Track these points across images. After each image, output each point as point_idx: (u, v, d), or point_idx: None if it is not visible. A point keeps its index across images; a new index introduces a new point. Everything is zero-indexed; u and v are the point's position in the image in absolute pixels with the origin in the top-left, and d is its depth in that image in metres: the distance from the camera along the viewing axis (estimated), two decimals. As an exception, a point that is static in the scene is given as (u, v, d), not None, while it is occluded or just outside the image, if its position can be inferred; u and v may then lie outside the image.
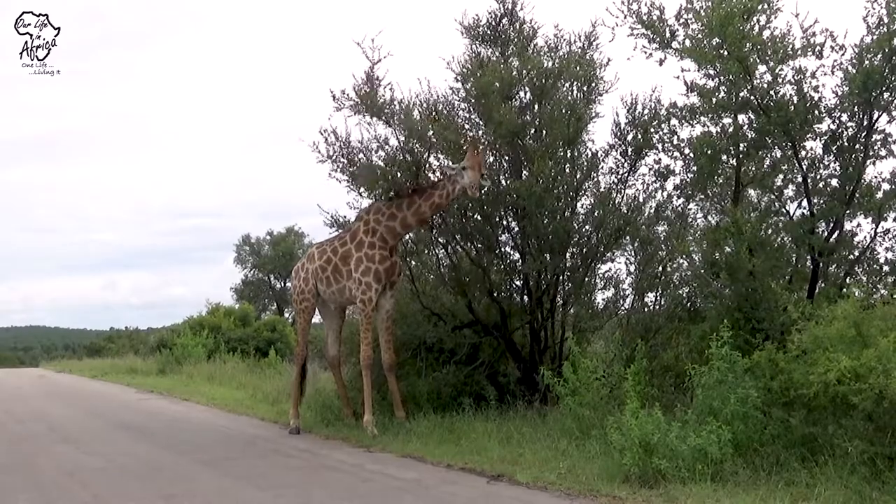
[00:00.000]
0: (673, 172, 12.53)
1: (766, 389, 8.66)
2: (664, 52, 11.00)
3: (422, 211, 12.30)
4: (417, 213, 12.33)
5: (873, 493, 7.06)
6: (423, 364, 13.76)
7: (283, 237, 51.77)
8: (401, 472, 9.50)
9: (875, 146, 10.32)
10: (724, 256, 10.56)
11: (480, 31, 13.74)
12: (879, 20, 9.94)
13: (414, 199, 12.36)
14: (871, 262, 10.77)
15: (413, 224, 12.58)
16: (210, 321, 34.91)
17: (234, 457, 11.24)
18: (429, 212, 12.38)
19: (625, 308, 13.38)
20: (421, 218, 12.46)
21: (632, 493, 7.82)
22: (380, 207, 12.71)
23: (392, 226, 12.48)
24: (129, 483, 9.53)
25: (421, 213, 12.34)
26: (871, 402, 7.33)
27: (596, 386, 10.41)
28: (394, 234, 12.57)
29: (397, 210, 12.47)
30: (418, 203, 12.29)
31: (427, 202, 12.22)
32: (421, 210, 12.29)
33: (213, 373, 26.58)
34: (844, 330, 7.98)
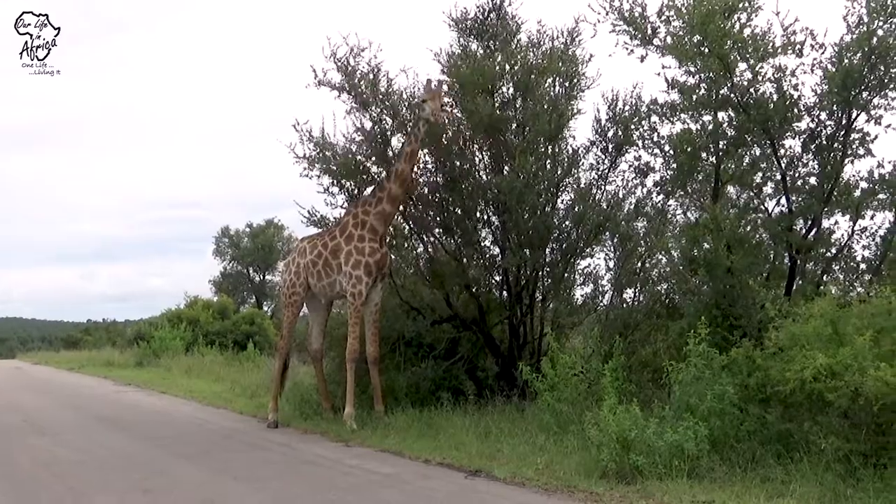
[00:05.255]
0: (653, 169, 12.59)
1: (742, 386, 8.72)
2: (646, 48, 11.04)
3: (401, 170, 12.32)
4: (398, 178, 12.34)
5: (847, 490, 7.11)
6: (402, 358, 13.76)
7: (262, 229, 51.61)
8: (379, 467, 9.49)
9: (853, 145, 10.38)
10: (703, 253, 10.60)
11: (468, 25, 13.77)
12: (859, 19, 9.98)
13: (390, 170, 12.51)
14: (848, 259, 10.82)
15: (398, 193, 12.48)
16: (188, 314, 34.82)
17: (213, 450, 11.21)
18: (407, 167, 12.37)
19: (604, 304, 13.40)
20: (403, 179, 12.39)
21: (609, 489, 7.84)
22: (366, 199, 12.75)
23: (380, 209, 12.47)
24: (107, 476, 9.49)
25: (401, 174, 12.34)
26: (846, 399, 7.38)
27: (574, 381, 10.43)
28: (384, 217, 12.53)
29: (380, 191, 12.52)
30: (394, 168, 12.38)
31: (401, 160, 12.32)
32: (400, 170, 12.32)
33: (192, 366, 26.55)
34: (821, 328, 8.02)
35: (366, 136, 13.33)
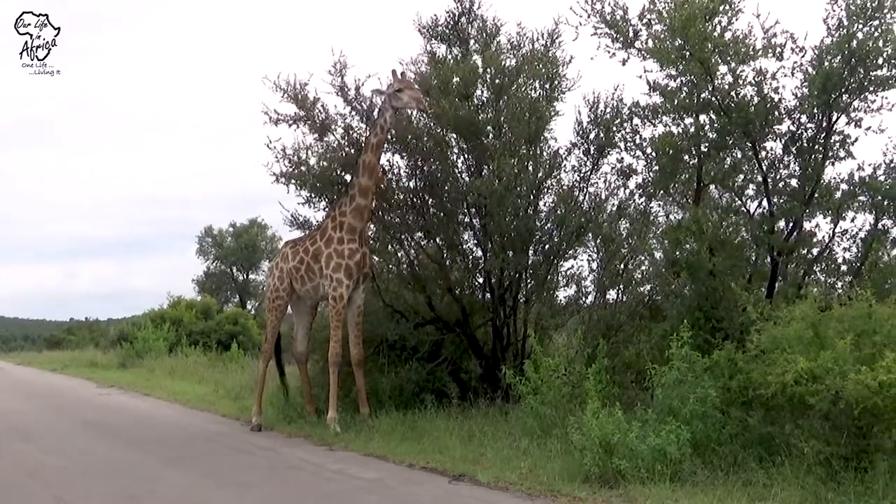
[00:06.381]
0: (635, 171, 12.66)
1: (724, 389, 8.76)
2: (627, 51, 11.04)
3: (368, 161, 12.34)
4: (365, 169, 12.37)
5: (829, 493, 7.15)
6: (386, 361, 13.75)
7: (245, 229, 51.41)
8: (363, 472, 9.49)
9: (834, 147, 10.44)
10: (685, 255, 10.65)
11: (439, 31, 13.79)
12: (839, 22, 10.02)
13: (357, 163, 12.57)
14: (829, 261, 10.90)
15: (368, 184, 12.46)
16: (172, 314, 34.73)
17: (197, 455, 11.19)
18: (373, 158, 12.38)
19: (586, 305, 13.43)
20: (370, 170, 12.40)
21: (592, 493, 7.86)
22: (341, 201, 12.78)
23: (355, 204, 12.48)
24: (92, 483, 9.44)
25: (368, 166, 12.36)
26: (827, 402, 7.43)
27: (557, 384, 10.44)
28: (359, 211, 12.51)
29: (351, 188, 12.61)
30: (361, 160, 12.43)
31: (367, 151, 12.35)
32: (366, 162, 12.35)
33: (175, 367, 26.43)
34: (802, 331, 8.07)
35: (333, 154, 13.44)
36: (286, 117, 13.26)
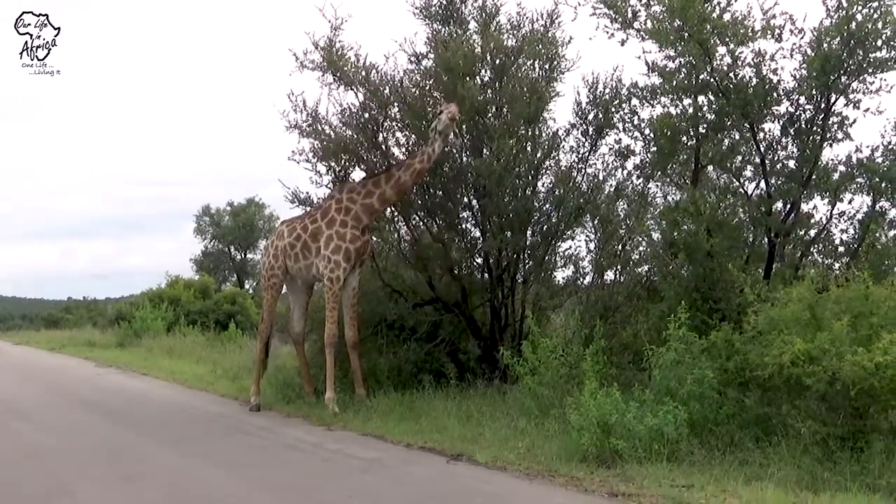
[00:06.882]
0: (633, 152, 12.67)
1: (722, 370, 8.81)
2: (626, 32, 11.03)
3: (402, 182, 12.26)
4: (397, 185, 12.30)
5: (825, 473, 7.21)
6: (384, 341, 13.78)
7: (243, 208, 51.46)
8: (361, 452, 9.52)
9: (832, 129, 10.47)
10: (683, 236, 10.67)
11: (433, 11, 13.70)
12: (838, 3, 10.02)
13: (392, 172, 12.37)
14: (826, 243, 10.95)
15: (392, 198, 12.54)
16: (169, 293, 34.67)
17: (195, 436, 11.22)
18: (410, 181, 12.32)
19: (584, 286, 13.44)
20: (401, 189, 12.40)
21: (589, 473, 7.91)
22: (353, 187, 12.71)
23: (369, 203, 12.45)
24: (89, 464, 9.47)
25: (402, 185, 12.30)
26: (823, 383, 7.48)
27: (555, 365, 10.46)
28: (370, 211, 12.55)
29: (374, 186, 12.47)
30: (397, 175, 12.28)
31: (408, 171, 12.20)
32: (402, 181, 12.25)
33: (173, 347, 26.39)
34: (799, 312, 8.11)
35: (352, 115, 13.23)
36: (313, 64, 12.97)
